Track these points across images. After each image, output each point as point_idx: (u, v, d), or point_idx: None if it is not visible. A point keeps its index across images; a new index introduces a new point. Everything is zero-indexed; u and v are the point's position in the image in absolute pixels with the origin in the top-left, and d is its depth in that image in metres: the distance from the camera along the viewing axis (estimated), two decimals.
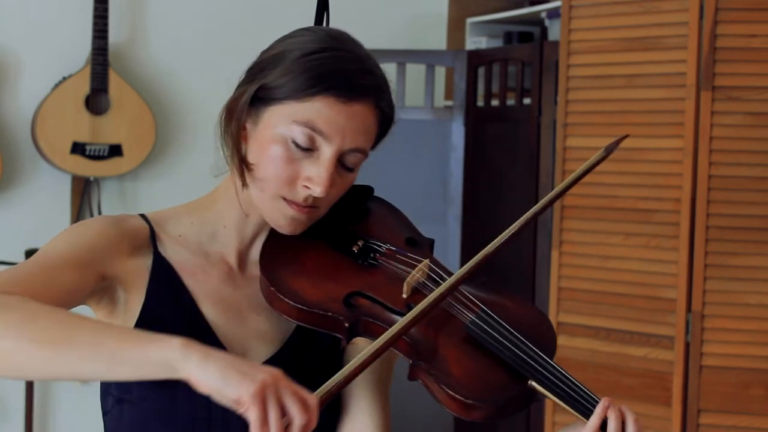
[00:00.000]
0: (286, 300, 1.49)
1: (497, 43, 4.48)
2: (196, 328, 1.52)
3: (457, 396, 1.40)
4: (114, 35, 4.21)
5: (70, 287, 1.45)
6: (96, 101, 4.16)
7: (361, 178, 1.61)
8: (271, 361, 1.53)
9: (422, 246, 1.61)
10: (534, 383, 1.44)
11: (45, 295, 1.39)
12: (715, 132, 3.12)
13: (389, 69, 4.21)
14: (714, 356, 3.12)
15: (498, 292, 1.56)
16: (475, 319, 1.48)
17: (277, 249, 1.55)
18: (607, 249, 3.29)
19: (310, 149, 1.48)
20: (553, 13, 4.16)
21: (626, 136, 1.72)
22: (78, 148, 4.14)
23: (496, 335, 1.46)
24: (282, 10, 4.40)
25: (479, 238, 4.00)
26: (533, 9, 4.31)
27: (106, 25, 4.11)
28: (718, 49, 3.11)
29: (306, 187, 1.49)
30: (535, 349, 1.46)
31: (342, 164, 1.51)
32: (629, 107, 3.28)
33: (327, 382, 1.34)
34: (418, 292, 1.49)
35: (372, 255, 1.56)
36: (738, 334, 3.09)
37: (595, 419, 1.43)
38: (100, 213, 4.25)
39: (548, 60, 3.80)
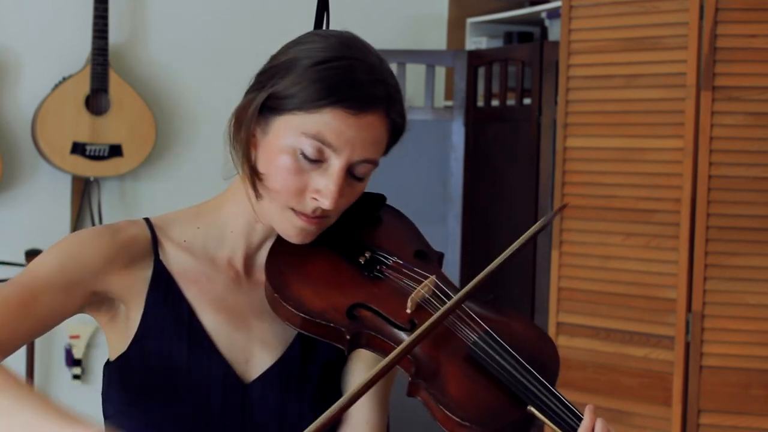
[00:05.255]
0: (289, 307, 1.47)
1: (497, 43, 4.48)
2: (194, 338, 1.51)
3: (453, 417, 1.38)
4: (114, 35, 4.21)
5: (53, 310, 1.44)
6: (96, 101, 4.16)
7: None
8: (273, 369, 1.52)
9: (431, 259, 1.59)
10: (533, 409, 1.41)
11: (23, 326, 1.39)
12: (715, 132, 3.12)
13: None
14: (714, 356, 3.12)
15: (503, 312, 1.53)
16: (478, 340, 1.45)
17: (284, 254, 1.53)
18: (607, 249, 3.29)
19: (318, 160, 1.45)
20: (553, 13, 4.16)
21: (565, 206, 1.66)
22: (78, 148, 4.14)
23: (498, 358, 1.43)
24: (282, 10, 4.40)
25: (479, 238, 4.00)
26: (533, 9, 4.31)
27: (106, 25, 4.11)
28: (718, 49, 3.11)
29: (314, 199, 1.46)
30: (536, 374, 1.43)
31: (351, 174, 1.48)
32: (629, 107, 3.28)
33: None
34: (421, 309, 1.47)
35: (378, 267, 1.54)
36: (738, 334, 3.09)
37: None
38: (100, 213, 4.25)
39: (548, 60, 3.79)
